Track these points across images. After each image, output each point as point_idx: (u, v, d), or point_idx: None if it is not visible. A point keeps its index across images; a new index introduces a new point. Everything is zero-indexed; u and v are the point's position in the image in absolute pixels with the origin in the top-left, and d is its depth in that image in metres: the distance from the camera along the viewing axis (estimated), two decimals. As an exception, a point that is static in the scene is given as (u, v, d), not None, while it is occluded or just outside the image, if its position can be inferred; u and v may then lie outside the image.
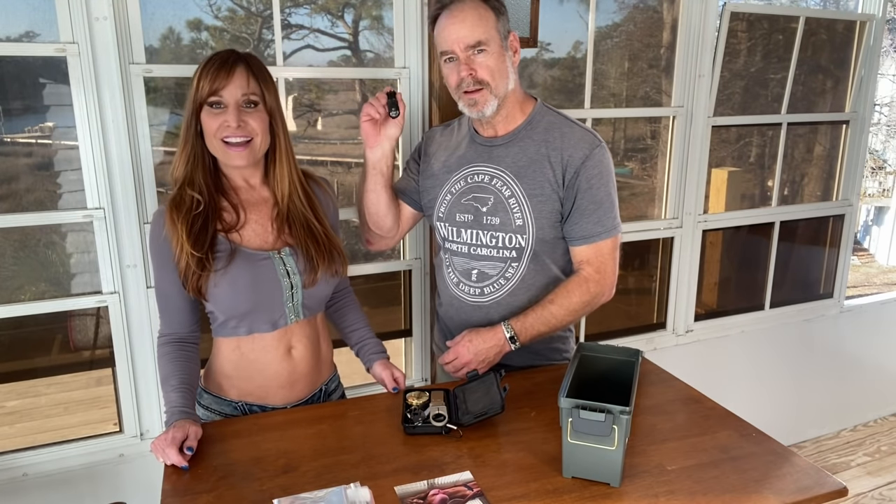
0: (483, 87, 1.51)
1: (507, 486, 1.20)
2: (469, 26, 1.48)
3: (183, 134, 1.42)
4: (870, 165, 12.60)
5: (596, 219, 1.56)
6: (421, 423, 1.38)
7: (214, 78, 1.36)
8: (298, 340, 1.52)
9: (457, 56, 1.50)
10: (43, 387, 2.44)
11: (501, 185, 1.58)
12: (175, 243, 1.39)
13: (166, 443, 1.28)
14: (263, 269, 1.43)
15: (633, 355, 1.41)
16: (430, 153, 1.73)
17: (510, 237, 1.58)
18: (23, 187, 1.92)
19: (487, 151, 1.62)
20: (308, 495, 1.17)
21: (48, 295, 1.98)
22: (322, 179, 1.61)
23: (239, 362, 1.49)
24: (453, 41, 1.49)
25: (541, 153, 1.57)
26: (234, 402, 1.52)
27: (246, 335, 1.47)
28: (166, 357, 1.45)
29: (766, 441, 1.33)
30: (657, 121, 2.74)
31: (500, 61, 1.52)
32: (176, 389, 1.40)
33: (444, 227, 1.67)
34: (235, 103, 1.37)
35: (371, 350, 1.65)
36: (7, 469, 1.92)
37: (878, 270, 11.38)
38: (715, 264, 3.03)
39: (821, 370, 3.28)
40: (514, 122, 1.60)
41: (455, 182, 1.64)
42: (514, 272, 1.61)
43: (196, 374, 1.48)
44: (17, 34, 1.77)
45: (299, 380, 1.54)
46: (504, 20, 1.54)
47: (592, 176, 1.55)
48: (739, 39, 2.81)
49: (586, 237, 1.57)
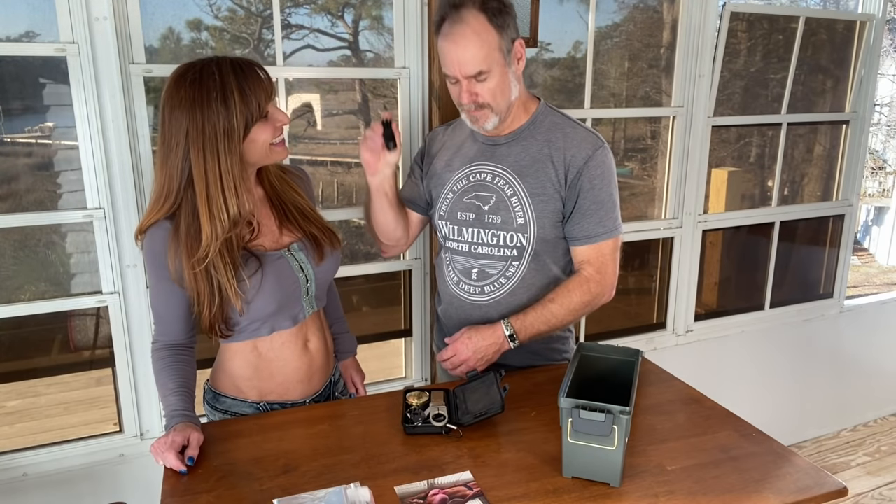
0: (485, 107, 1.51)
1: (507, 486, 1.20)
2: (470, 55, 1.45)
3: (232, 163, 1.28)
4: (870, 165, 12.60)
5: (597, 219, 1.56)
6: (421, 423, 1.38)
7: (270, 91, 1.32)
8: (313, 333, 1.54)
9: (459, 80, 1.49)
10: (43, 387, 2.44)
11: (504, 183, 1.58)
12: (208, 299, 1.34)
13: (165, 446, 1.27)
14: (281, 267, 1.44)
15: (633, 355, 1.41)
16: (434, 153, 1.73)
17: (511, 236, 1.58)
18: (23, 187, 1.92)
19: (490, 150, 1.62)
20: (308, 495, 1.17)
21: (48, 295, 1.98)
22: (297, 169, 1.61)
23: (258, 363, 1.49)
24: (454, 67, 1.47)
25: (543, 153, 1.57)
26: (255, 403, 1.51)
27: (267, 335, 1.47)
28: (162, 362, 1.44)
29: (766, 441, 1.33)
30: (657, 121, 2.74)
31: (502, 81, 1.49)
32: (174, 393, 1.39)
33: (445, 226, 1.67)
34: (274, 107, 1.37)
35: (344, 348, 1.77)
36: (7, 469, 1.92)
37: (878, 270, 11.38)
38: (715, 264, 3.04)
39: (821, 370, 3.28)
40: (518, 121, 1.60)
41: (457, 180, 1.64)
42: (514, 271, 1.61)
43: (193, 378, 1.47)
44: (17, 34, 1.77)
45: (316, 372, 1.56)
46: (508, 32, 1.48)
47: (595, 176, 1.55)
48: (739, 39, 2.81)
49: (588, 237, 1.57)
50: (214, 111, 1.26)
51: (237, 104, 1.26)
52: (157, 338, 1.47)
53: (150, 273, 1.42)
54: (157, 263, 1.38)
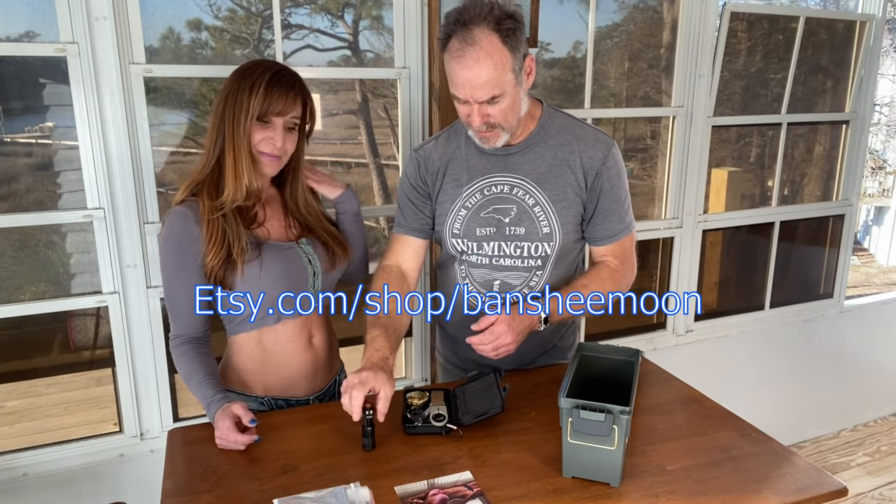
0: (496, 128, 1.46)
1: (507, 486, 1.20)
2: (483, 80, 1.36)
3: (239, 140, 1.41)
4: (870, 165, 12.59)
5: (618, 217, 1.57)
6: (421, 423, 1.38)
7: (280, 100, 1.40)
8: (317, 329, 1.58)
9: (469, 102, 1.42)
10: (43, 387, 2.44)
11: (524, 193, 1.54)
12: (216, 243, 1.41)
13: (226, 433, 1.31)
14: (291, 256, 1.50)
15: (633, 355, 1.41)
16: (433, 170, 1.61)
17: (536, 245, 1.55)
18: (23, 187, 1.93)
19: (503, 161, 1.56)
20: (308, 495, 1.17)
21: (48, 295, 1.99)
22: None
23: (263, 357, 1.52)
24: (465, 90, 1.39)
25: (558, 158, 1.54)
26: (260, 398, 1.54)
27: (274, 324, 1.50)
28: (186, 356, 1.45)
29: (766, 441, 1.33)
30: (657, 121, 2.75)
31: (514, 101, 1.42)
32: (204, 383, 1.42)
33: (461, 243, 1.58)
34: (284, 125, 1.43)
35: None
36: (7, 469, 1.92)
37: (878, 270, 11.38)
38: (715, 264, 3.04)
39: (821, 370, 3.28)
40: (527, 129, 1.55)
41: (469, 196, 1.57)
42: (538, 280, 1.58)
43: (216, 368, 1.50)
44: (17, 34, 1.77)
45: (320, 369, 1.60)
46: (520, 50, 1.39)
47: (612, 176, 1.54)
48: (739, 39, 2.81)
49: (611, 237, 1.57)
50: (245, 91, 1.40)
51: (256, 96, 1.39)
52: (176, 332, 1.48)
53: (169, 262, 1.44)
54: (177, 250, 1.42)
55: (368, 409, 1.30)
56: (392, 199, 2.67)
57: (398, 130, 2.21)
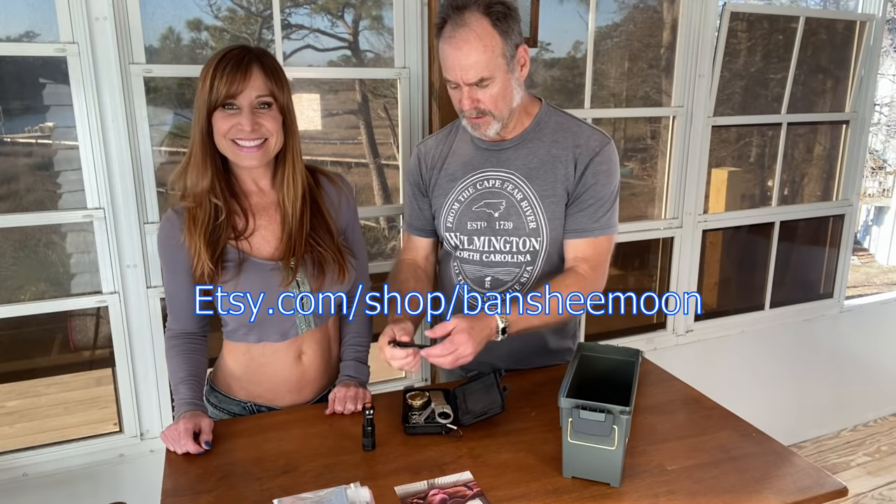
0: (486, 115, 1.47)
1: (507, 486, 1.20)
2: (472, 61, 1.39)
3: (197, 136, 1.36)
4: (870, 165, 12.60)
5: (592, 214, 1.53)
6: (421, 423, 1.38)
7: (231, 81, 1.31)
8: (309, 347, 1.52)
9: (459, 86, 1.45)
10: (43, 387, 2.45)
11: (513, 188, 1.55)
12: (193, 252, 1.38)
13: (178, 433, 1.30)
14: (273, 279, 1.41)
15: (633, 355, 1.41)
16: (431, 166, 1.65)
17: (524, 241, 1.55)
18: (23, 187, 1.93)
19: (496, 156, 1.58)
20: (308, 495, 1.17)
21: (48, 295, 1.99)
22: (336, 176, 1.56)
23: (248, 366, 1.50)
24: (455, 72, 1.42)
25: (551, 154, 1.54)
26: (242, 402, 1.53)
27: (256, 343, 1.48)
28: (174, 350, 1.46)
29: (767, 441, 1.33)
30: (657, 121, 2.75)
31: (504, 88, 1.45)
32: (184, 382, 1.41)
33: (454, 237, 1.61)
34: (250, 105, 1.33)
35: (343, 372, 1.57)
36: (7, 469, 1.92)
37: (878, 270, 11.39)
38: (715, 264, 3.04)
39: (821, 370, 3.28)
40: (521, 125, 1.56)
41: (462, 190, 1.59)
42: (529, 277, 1.58)
43: (204, 367, 1.49)
44: (17, 34, 1.77)
45: (308, 384, 1.55)
46: (512, 38, 1.43)
47: (599, 172, 1.53)
48: (739, 39, 2.81)
49: (579, 231, 1.54)
50: (200, 81, 1.34)
51: (207, 81, 1.33)
52: (170, 325, 1.49)
53: (164, 263, 1.45)
54: (166, 255, 1.42)
55: (368, 409, 1.31)
56: (392, 199, 2.67)
57: (398, 130, 2.21)
